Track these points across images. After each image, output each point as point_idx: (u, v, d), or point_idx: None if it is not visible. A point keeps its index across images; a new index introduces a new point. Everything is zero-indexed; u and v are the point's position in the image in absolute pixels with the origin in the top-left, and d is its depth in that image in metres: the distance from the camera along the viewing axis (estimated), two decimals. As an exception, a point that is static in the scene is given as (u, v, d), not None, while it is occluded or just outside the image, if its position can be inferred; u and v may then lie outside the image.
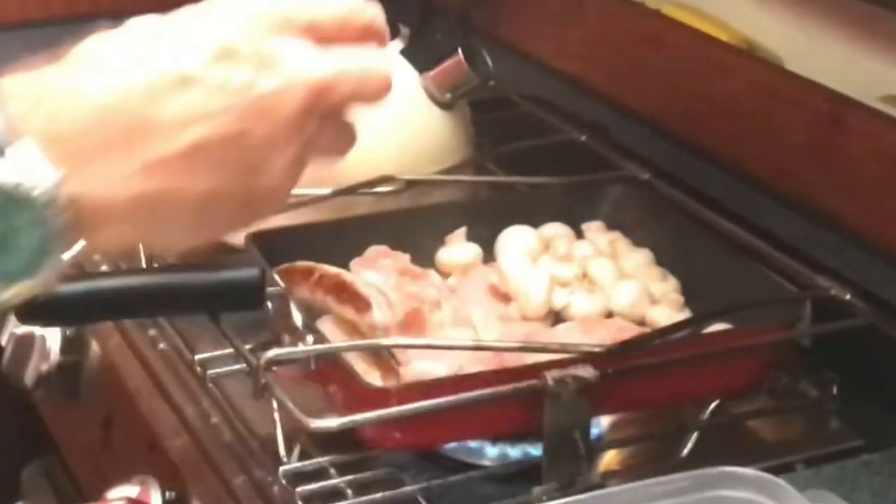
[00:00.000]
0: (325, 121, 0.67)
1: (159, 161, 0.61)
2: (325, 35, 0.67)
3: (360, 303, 1.01)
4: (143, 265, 1.14)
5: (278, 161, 0.65)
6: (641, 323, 1.09)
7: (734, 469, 0.80)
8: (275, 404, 0.96)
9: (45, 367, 1.18)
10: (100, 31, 0.64)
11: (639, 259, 1.15)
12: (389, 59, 0.70)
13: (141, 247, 1.12)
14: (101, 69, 0.62)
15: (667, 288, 1.11)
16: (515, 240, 1.15)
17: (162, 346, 1.12)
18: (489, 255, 1.15)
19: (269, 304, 1.00)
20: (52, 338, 1.18)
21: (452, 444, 0.98)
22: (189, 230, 0.66)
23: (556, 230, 1.16)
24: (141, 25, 0.65)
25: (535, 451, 0.96)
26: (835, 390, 1.06)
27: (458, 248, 1.15)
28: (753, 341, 1.02)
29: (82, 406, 1.19)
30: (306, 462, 0.96)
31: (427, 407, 0.91)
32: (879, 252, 1.16)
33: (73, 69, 0.63)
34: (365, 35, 0.69)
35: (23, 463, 1.39)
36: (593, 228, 1.18)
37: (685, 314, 1.09)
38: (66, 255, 0.61)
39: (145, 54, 0.63)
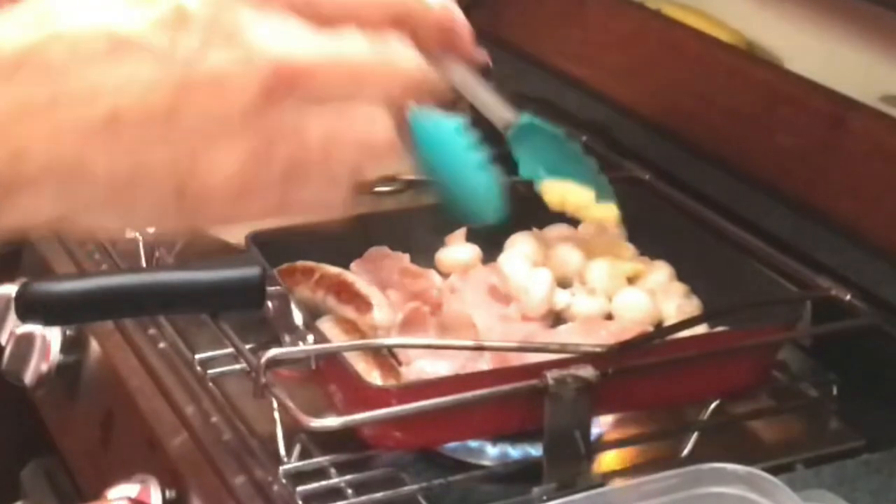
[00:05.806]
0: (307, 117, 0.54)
1: (71, 126, 0.52)
2: (342, 18, 0.56)
3: (360, 302, 1.01)
4: (143, 264, 1.15)
5: (221, 153, 0.54)
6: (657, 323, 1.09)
7: (724, 465, 0.80)
8: (275, 404, 0.96)
9: (45, 367, 1.18)
10: None
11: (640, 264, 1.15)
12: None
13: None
14: (30, 16, 0.53)
15: (676, 291, 1.11)
16: (518, 246, 1.15)
17: (162, 345, 1.12)
18: (489, 256, 1.15)
19: (270, 304, 1.00)
20: (52, 338, 1.18)
21: (452, 444, 0.98)
22: (107, 211, 0.56)
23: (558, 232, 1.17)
24: None
25: (535, 451, 0.96)
26: (835, 390, 1.06)
27: (458, 248, 1.15)
28: (753, 341, 1.02)
29: (82, 406, 1.19)
30: (306, 462, 0.96)
31: (427, 407, 0.91)
32: (879, 252, 1.16)
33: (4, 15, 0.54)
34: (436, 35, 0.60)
35: (23, 463, 1.39)
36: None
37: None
38: None
39: (84, 3, 0.54)
